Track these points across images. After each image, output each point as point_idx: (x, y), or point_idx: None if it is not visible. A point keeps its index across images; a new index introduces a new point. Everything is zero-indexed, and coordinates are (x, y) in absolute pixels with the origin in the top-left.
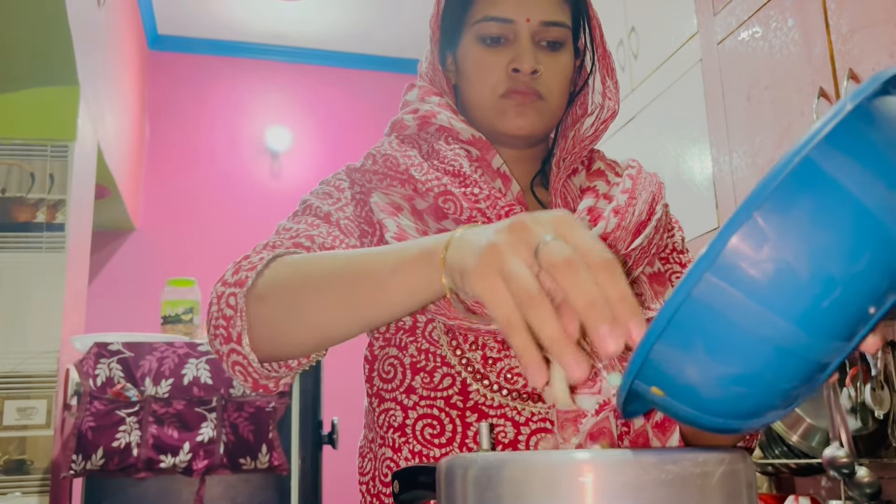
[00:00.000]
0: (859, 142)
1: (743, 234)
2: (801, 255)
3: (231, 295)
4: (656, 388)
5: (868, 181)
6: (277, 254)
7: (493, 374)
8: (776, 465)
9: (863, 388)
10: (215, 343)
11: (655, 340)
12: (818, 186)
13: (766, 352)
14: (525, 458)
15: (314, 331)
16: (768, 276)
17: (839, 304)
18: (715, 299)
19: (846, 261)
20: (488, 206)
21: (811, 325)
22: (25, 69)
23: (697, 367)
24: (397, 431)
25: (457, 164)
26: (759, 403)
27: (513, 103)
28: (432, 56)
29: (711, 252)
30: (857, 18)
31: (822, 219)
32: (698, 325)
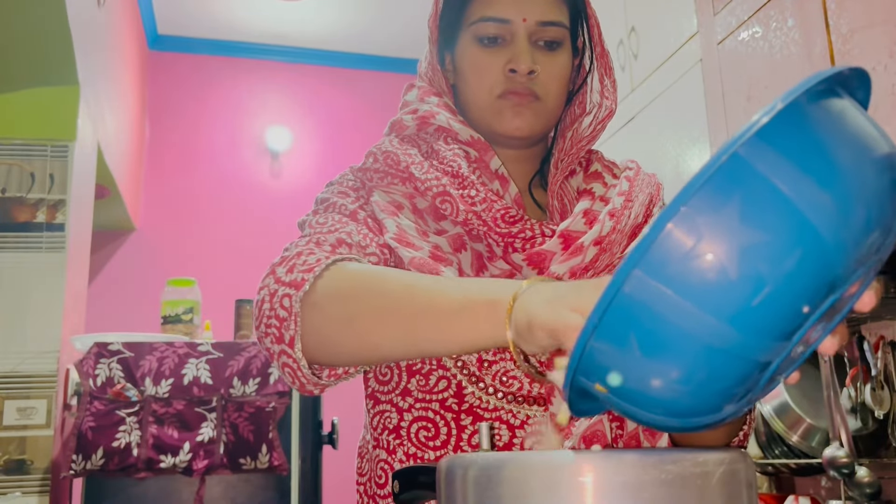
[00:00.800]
0: (791, 139)
1: (672, 230)
2: (730, 252)
3: (286, 296)
4: (599, 385)
5: (799, 180)
6: (335, 258)
7: (489, 377)
8: (776, 465)
9: (863, 388)
10: (266, 341)
11: (589, 336)
12: (748, 183)
13: (697, 350)
14: (525, 458)
15: (367, 350)
16: (697, 273)
17: (770, 303)
18: (645, 295)
19: (775, 260)
20: (484, 210)
21: (742, 324)
22: (25, 69)
23: (633, 364)
24: (392, 433)
25: (455, 165)
26: (700, 401)
27: (509, 104)
28: (431, 56)
29: (641, 247)
30: (857, 18)
31: (752, 216)
32: (630, 321)
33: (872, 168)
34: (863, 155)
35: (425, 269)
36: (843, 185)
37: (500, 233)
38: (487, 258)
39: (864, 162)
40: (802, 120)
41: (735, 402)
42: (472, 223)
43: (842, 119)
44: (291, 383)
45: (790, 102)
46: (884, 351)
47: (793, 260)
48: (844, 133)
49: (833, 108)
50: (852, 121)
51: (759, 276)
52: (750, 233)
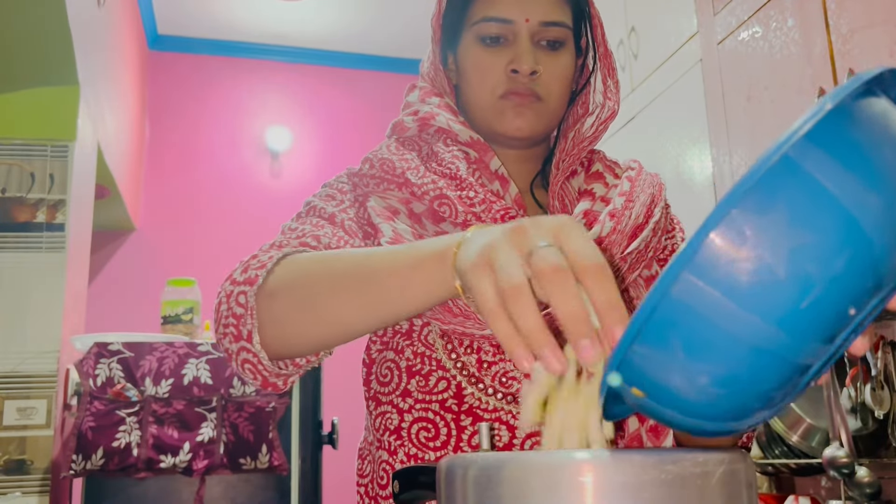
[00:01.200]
0: (839, 141)
1: (721, 232)
2: (779, 254)
3: (241, 293)
4: (636, 389)
5: (847, 181)
6: (286, 252)
7: (488, 378)
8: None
9: (863, 388)
10: (224, 342)
11: (633, 340)
12: (797, 185)
13: (743, 352)
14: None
15: (327, 328)
16: (746, 276)
17: (818, 304)
18: (692, 298)
19: (824, 261)
20: (483, 210)
21: (789, 326)
22: (25, 69)
23: (675, 367)
24: (393, 434)
25: (454, 167)
26: (739, 405)
27: (511, 104)
28: (434, 56)
29: (689, 250)
30: (857, 18)
31: (801, 218)
32: (675, 324)
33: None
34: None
35: None
36: (888, 184)
37: None
38: None
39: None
40: (848, 121)
41: (772, 406)
42: (472, 224)
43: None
44: (253, 380)
45: (838, 103)
46: (884, 351)
47: (841, 261)
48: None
49: (875, 108)
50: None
51: (807, 278)
52: (798, 234)
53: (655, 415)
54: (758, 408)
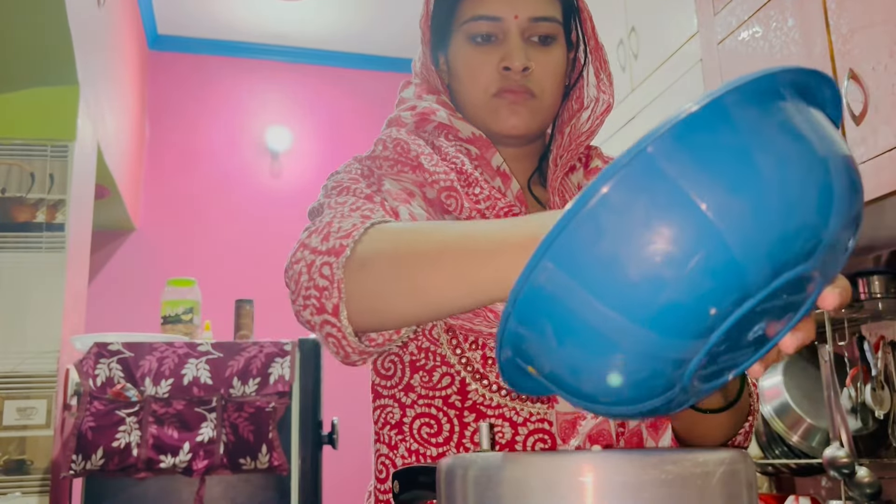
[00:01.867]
0: (705, 142)
1: (579, 223)
2: (633, 251)
3: (325, 264)
4: (531, 368)
5: (707, 184)
6: (373, 222)
7: (492, 374)
8: (776, 466)
9: (863, 388)
10: (304, 314)
11: (507, 318)
12: (653, 182)
13: (604, 343)
14: (525, 458)
15: (424, 303)
16: (602, 269)
17: (672, 304)
18: (553, 286)
19: (676, 263)
20: (487, 207)
21: (644, 322)
22: (25, 69)
23: (550, 352)
24: (394, 429)
25: (459, 162)
26: (613, 391)
27: (505, 102)
28: (425, 57)
29: (549, 237)
30: (857, 18)
31: (656, 217)
32: (542, 309)
33: (798, 176)
34: (788, 162)
35: None
36: (757, 193)
37: None
38: None
39: (789, 170)
40: (722, 122)
41: (657, 394)
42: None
43: (772, 123)
44: (336, 353)
45: (707, 104)
46: (884, 351)
47: (694, 265)
48: (771, 138)
49: (765, 110)
50: (786, 125)
51: (659, 278)
52: (652, 234)
53: (559, 393)
54: (643, 395)
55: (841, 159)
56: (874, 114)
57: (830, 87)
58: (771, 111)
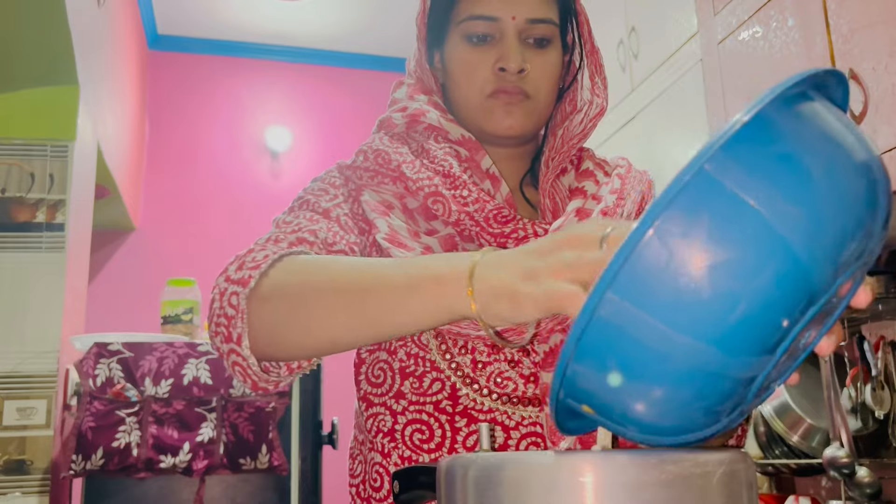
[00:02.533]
0: (758, 152)
1: (642, 251)
2: (702, 271)
3: (233, 294)
4: (586, 406)
5: (768, 194)
6: (283, 253)
7: (483, 379)
8: (776, 466)
9: (863, 388)
10: (216, 340)
11: (567, 362)
12: (715, 199)
13: (676, 371)
14: (525, 459)
15: (317, 339)
16: (670, 294)
17: (746, 319)
18: (619, 318)
19: (748, 275)
20: (476, 210)
21: (720, 343)
22: (25, 69)
23: (615, 386)
24: (387, 436)
25: (447, 165)
26: (684, 421)
27: (500, 103)
28: (420, 55)
29: (611, 269)
30: (857, 18)
31: (721, 233)
32: (606, 344)
33: (847, 175)
34: (837, 162)
35: None
36: (814, 196)
37: (493, 233)
38: None
39: (838, 170)
40: (770, 130)
41: (724, 417)
42: (465, 223)
43: (814, 125)
44: (243, 382)
45: (755, 114)
46: (884, 351)
47: (766, 275)
48: (817, 140)
49: (804, 114)
50: (826, 126)
51: (732, 294)
52: (720, 250)
53: (611, 429)
54: (709, 421)
55: (876, 156)
56: (874, 114)
57: (843, 85)
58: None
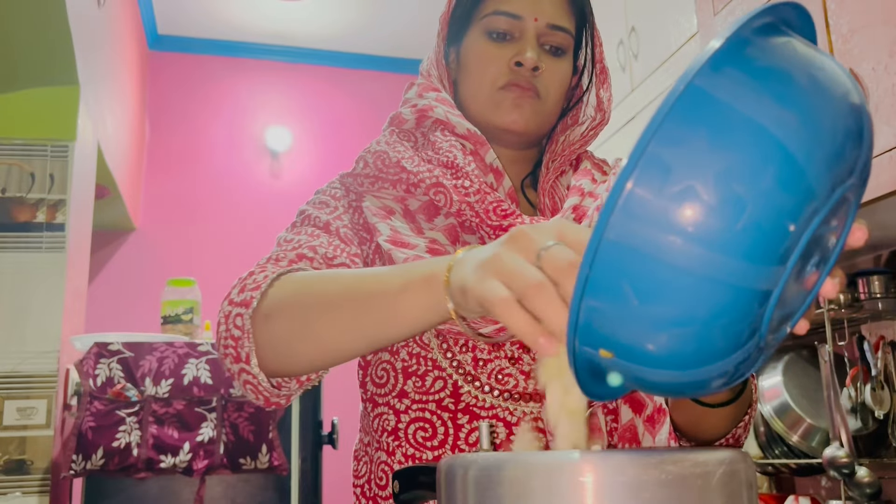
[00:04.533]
0: (744, 65)
1: (644, 168)
2: (705, 179)
3: (238, 315)
4: (604, 350)
5: (758, 100)
6: (281, 272)
7: (484, 376)
8: (776, 465)
9: (863, 388)
10: (226, 362)
11: (582, 294)
12: (708, 110)
13: (693, 284)
14: (525, 459)
15: (320, 351)
16: (676, 205)
17: (754, 224)
18: (629, 238)
19: (750, 179)
20: (477, 200)
21: (731, 249)
22: (25, 69)
23: (632, 315)
24: (391, 435)
25: (451, 155)
26: (704, 344)
27: (510, 96)
28: (437, 52)
29: (616, 191)
30: (857, 18)
31: (719, 142)
32: (619, 268)
33: (829, 86)
34: (818, 73)
35: None
36: (802, 100)
37: (492, 225)
38: None
39: (820, 80)
40: (751, 47)
41: (742, 345)
42: (466, 214)
43: (792, 46)
44: (255, 399)
45: (735, 31)
46: (884, 351)
47: (767, 177)
48: (797, 56)
49: (781, 37)
50: (803, 48)
51: (737, 198)
52: (720, 157)
53: (632, 377)
54: (728, 346)
55: (852, 78)
56: (874, 114)
57: (806, 20)
58: (783, 38)
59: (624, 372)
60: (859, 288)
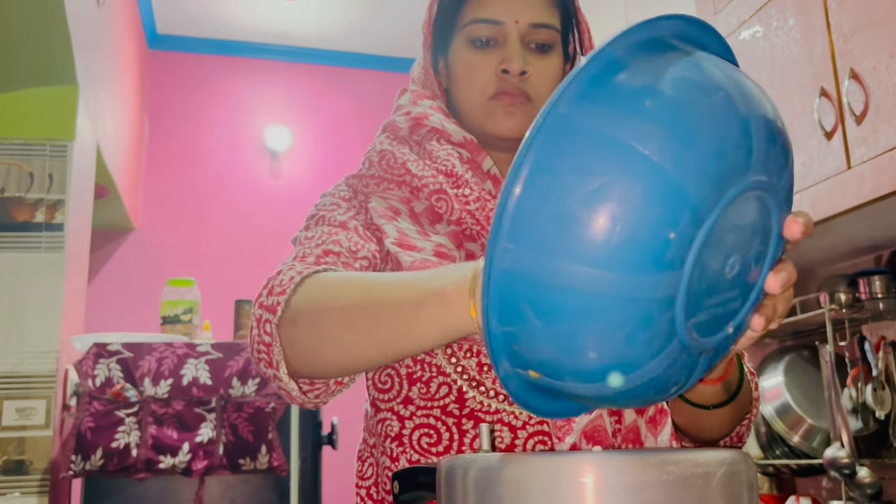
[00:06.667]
0: (606, 89)
1: (519, 194)
2: (576, 200)
3: (266, 321)
4: (532, 371)
5: (620, 120)
6: (307, 273)
7: (489, 381)
8: (777, 466)
9: (864, 388)
10: (260, 366)
11: (488, 321)
12: (572, 135)
13: (583, 301)
14: (525, 459)
15: (343, 357)
16: (556, 228)
17: (628, 237)
18: (518, 263)
19: (617, 196)
20: (477, 209)
21: (609, 264)
22: (25, 69)
23: (541, 336)
24: (394, 441)
25: (449, 165)
26: (616, 356)
27: (501, 104)
28: (425, 61)
29: (497, 219)
30: (857, 18)
31: (585, 162)
32: (515, 293)
33: (703, 92)
34: (691, 83)
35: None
36: (668, 112)
37: None
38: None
39: (692, 88)
40: (614, 68)
41: (660, 352)
42: (466, 222)
43: (667, 59)
44: (291, 402)
45: (594, 56)
46: (885, 351)
47: (635, 190)
48: (670, 68)
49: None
50: (681, 58)
51: (608, 215)
52: (588, 178)
53: (571, 393)
54: (641, 355)
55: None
56: (875, 114)
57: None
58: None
59: (561, 389)
60: (860, 288)
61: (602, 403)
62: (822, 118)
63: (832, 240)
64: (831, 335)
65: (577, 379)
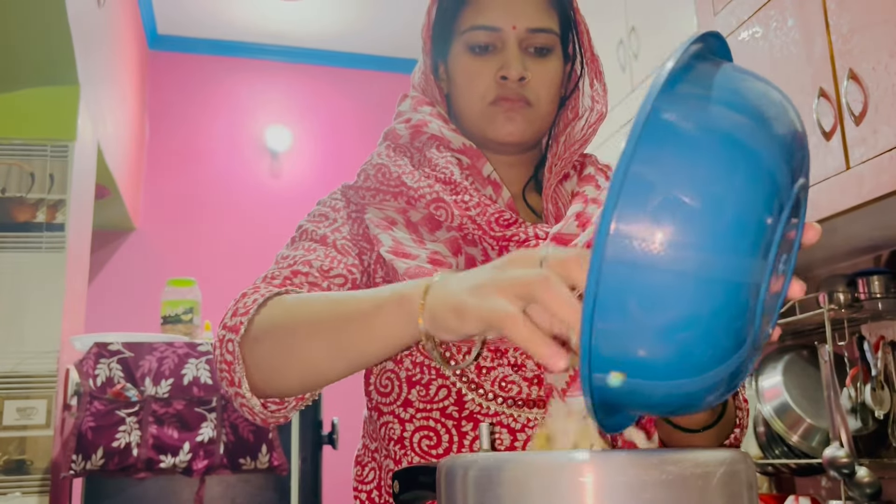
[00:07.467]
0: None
1: (627, 188)
2: (683, 187)
3: (229, 341)
4: (615, 372)
5: (713, 109)
6: (271, 294)
7: (488, 383)
8: (776, 466)
9: (863, 388)
10: (223, 385)
11: (591, 322)
12: (674, 126)
13: (691, 286)
14: (525, 459)
15: (305, 372)
16: (665, 215)
17: (736, 219)
18: (627, 254)
19: (724, 180)
20: (478, 214)
21: (718, 247)
22: (25, 69)
23: (639, 328)
24: (397, 444)
25: (448, 172)
26: (712, 347)
27: (501, 110)
28: (425, 66)
29: (606, 212)
30: (857, 18)
31: (690, 151)
32: (622, 285)
33: (766, 93)
34: (752, 86)
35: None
36: (751, 106)
37: (495, 236)
38: (482, 262)
39: (756, 90)
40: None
41: (743, 343)
42: (468, 227)
43: (722, 65)
44: (253, 420)
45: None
46: (884, 351)
47: (738, 175)
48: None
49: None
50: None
51: (716, 199)
52: (694, 165)
53: (643, 398)
54: (731, 345)
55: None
56: (874, 114)
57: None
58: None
59: (633, 392)
60: (859, 288)
61: (667, 407)
62: (821, 118)
63: (831, 240)
64: (830, 335)
65: (664, 375)
